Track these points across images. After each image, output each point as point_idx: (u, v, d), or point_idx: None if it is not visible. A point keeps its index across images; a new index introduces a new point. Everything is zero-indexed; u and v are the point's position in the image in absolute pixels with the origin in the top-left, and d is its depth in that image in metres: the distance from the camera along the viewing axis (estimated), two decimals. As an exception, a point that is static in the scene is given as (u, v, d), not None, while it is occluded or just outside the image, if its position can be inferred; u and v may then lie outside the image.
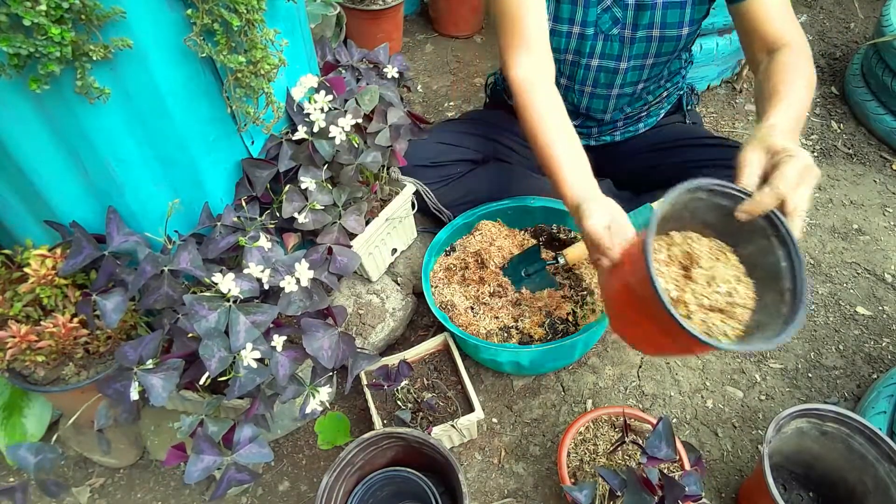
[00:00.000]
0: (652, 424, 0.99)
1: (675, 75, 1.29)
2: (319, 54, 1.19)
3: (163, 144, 0.87)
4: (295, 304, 0.90)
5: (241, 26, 0.80)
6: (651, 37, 1.11)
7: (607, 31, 1.12)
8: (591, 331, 1.10)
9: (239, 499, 1.13)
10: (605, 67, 1.17)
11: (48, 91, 0.71)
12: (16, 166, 0.80)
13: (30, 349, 0.87)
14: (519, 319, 1.18)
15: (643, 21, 1.10)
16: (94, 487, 1.15)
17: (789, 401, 1.25)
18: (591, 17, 1.12)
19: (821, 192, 1.70)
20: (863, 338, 1.36)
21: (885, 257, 1.52)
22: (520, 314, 1.18)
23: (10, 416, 1.09)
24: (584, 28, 1.13)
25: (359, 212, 1.10)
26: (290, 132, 1.04)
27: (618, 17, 1.10)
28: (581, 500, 0.84)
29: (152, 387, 0.82)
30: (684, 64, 1.31)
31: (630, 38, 1.12)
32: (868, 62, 1.84)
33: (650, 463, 0.83)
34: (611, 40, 1.13)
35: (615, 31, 1.12)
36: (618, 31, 1.12)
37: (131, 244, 0.89)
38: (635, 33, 1.11)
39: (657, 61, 1.16)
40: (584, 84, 1.21)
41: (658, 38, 1.11)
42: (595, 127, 1.30)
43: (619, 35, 1.12)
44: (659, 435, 0.85)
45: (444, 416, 1.12)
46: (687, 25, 1.10)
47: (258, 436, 0.87)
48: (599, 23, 1.11)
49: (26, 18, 0.64)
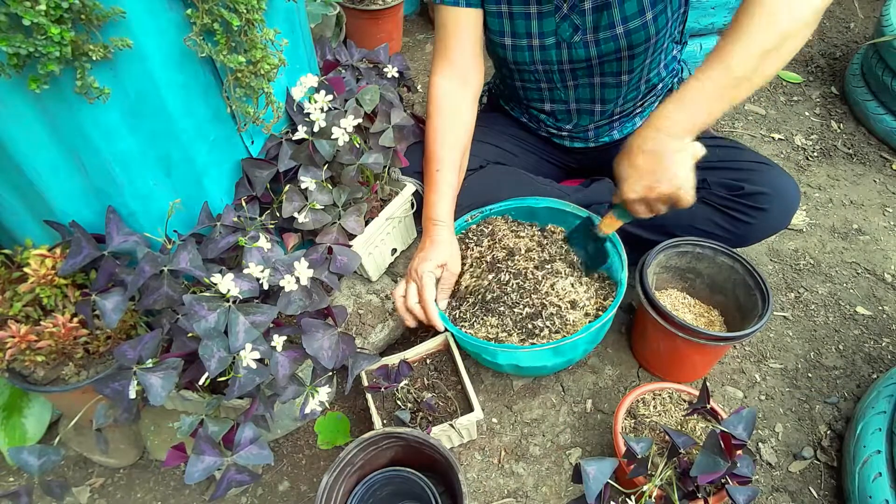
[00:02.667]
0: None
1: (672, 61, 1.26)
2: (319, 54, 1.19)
3: (162, 144, 0.87)
4: (295, 303, 0.90)
5: (241, 26, 0.80)
6: (616, 35, 1.07)
7: (569, 40, 1.10)
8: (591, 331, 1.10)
9: (239, 499, 1.13)
10: (579, 67, 1.15)
11: (48, 91, 0.71)
12: (15, 166, 0.80)
13: (29, 349, 0.87)
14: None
15: (603, 22, 1.06)
16: (93, 487, 1.14)
17: (789, 401, 1.25)
18: (548, 27, 1.09)
19: (821, 192, 1.70)
20: (863, 338, 1.36)
21: (885, 257, 1.52)
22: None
23: (9, 417, 1.09)
24: (543, 39, 1.12)
25: (359, 212, 1.10)
26: (290, 132, 1.04)
27: (577, 24, 1.07)
28: (637, 451, 0.87)
29: (151, 386, 0.82)
30: (679, 48, 1.27)
31: (595, 41, 1.09)
32: (868, 62, 1.84)
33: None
34: (574, 47, 1.11)
35: (577, 39, 1.09)
36: (580, 37, 1.09)
37: (131, 244, 0.89)
38: (598, 35, 1.08)
39: (634, 52, 1.11)
40: (565, 82, 1.19)
41: (624, 33, 1.07)
42: (591, 127, 1.29)
43: (583, 41, 1.09)
44: (741, 417, 0.87)
45: (443, 416, 1.12)
46: (650, 9, 1.05)
47: (259, 437, 0.87)
48: (560, 32, 1.09)
49: (26, 18, 0.64)
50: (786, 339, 1.35)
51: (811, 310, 1.41)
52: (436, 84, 1.15)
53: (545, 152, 1.39)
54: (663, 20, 1.08)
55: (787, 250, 1.54)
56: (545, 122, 1.32)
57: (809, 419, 1.22)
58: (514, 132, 1.37)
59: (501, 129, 1.35)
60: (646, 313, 1.13)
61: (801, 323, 1.39)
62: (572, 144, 1.33)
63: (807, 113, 1.94)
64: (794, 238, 1.57)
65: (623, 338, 1.34)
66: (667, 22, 1.10)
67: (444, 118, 1.13)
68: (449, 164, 1.12)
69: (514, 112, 1.37)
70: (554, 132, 1.32)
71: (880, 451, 1.03)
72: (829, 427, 1.21)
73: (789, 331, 1.37)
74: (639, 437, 0.96)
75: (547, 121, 1.31)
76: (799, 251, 1.54)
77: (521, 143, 1.37)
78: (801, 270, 1.50)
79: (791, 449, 1.18)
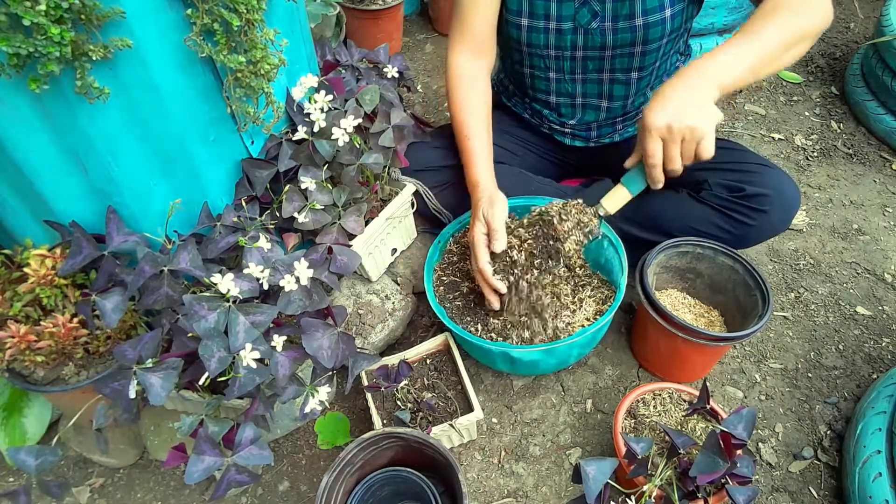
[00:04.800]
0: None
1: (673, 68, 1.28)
2: (319, 54, 1.19)
3: (162, 144, 0.87)
4: (295, 303, 0.90)
5: (241, 26, 0.80)
6: (634, 26, 1.09)
7: (586, 26, 1.10)
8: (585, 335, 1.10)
9: (239, 499, 1.13)
10: (592, 56, 1.16)
11: (48, 91, 0.71)
12: (15, 166, 0.80)
13: (29, 349, 0.87)
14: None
15: (623, 11, 1.08)
16: (93, 487, 1.14)
17: (789, 401, 1.25)
18: (567, 10, 1.10)
19: (821, 191, 1.70)
20: (863, 338, 1.36)
21: (885, 257, 1.52)
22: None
23: (9, 417, 1.09)
24: (560, 23, 1.12)
25: (359, 212, 1.10)
26: (289, 132, 1.04)
27: (596, 10, 1.08)
28: (637, 451, 0.87)
29: (151, 386, 0.82)
30: (682, 58, 1.30)
31: (612, 30, 1.10)
32: (868, 62, 1.84)
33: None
34: (591, 34, 1.11)
35: (595, 25, 1.10)
36: (597, 24, 1.10)
37: (131, 244, 0.89)
38: (616, 24, 1.09)
39: (647, 49, 1.14)
40: (574, 73, 1.20)
41: (642, 25, 1.09)
42: (594, 125, 1.29)
43: (600, 28, 1.10)
44: (741, 417, 0.87)
45: (443, 416, 1.12)
46: (669, 6, 1.08)
47: (259, 437, 0.87)
48: (578, 17, 1.10)
49: (26, 18, 0.64)
50: (786, 339, 1.35)
51: (811, 310, 1.41)
52: (454, 60, 1.21)
53: (545, 150, 1.39)
54: (679, 21, 1.12)
55: (787, 250, 1.54)
56: (548, 118, 1.32)
57: (809, 419, 1.22)
58: (515, 131, 1.37)
59: (503, 128, 1.35)
60: (646, 313, 1.13)
61: (801, 323, 1.39)
62: (573, 142, 1.33)
63: (807, 113, 1.94)
64: (794, 238, 1.57)
65: (623, 338, 1.34)
66: (681, 24, 1.14)
67: (466, 89, 1.20)
68: (478, 131, 1.18)
69: (517, 108, 1.37)
70: (556, 128, 1.32)
71: (880, 451, 1.03)
72: (829, 427, 1.21)
73: (789, 331, 1.37)
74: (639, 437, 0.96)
75: (550, 116, 1.31)
76: (799, 251, 1.54)
77: (521, 143, 1.37)
78: (801, 270, 1.50)
79: (791, 449, 1.18)
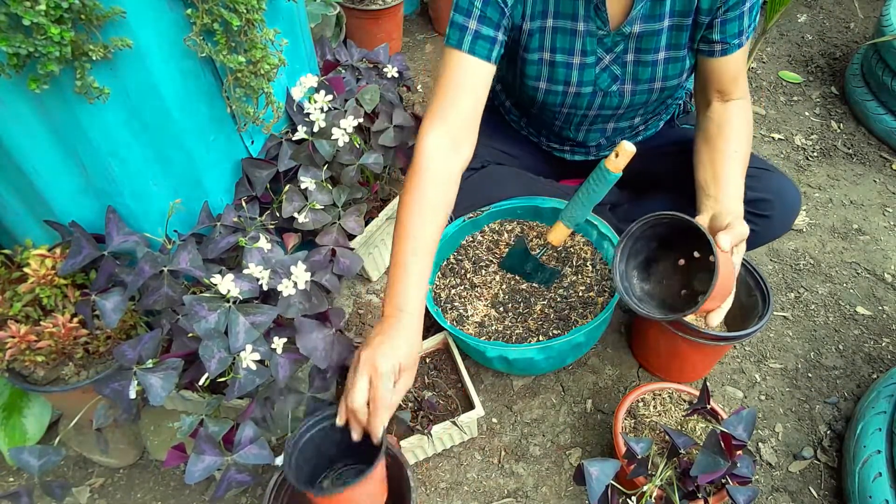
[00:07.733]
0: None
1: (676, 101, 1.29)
2: (319, 54, 1.19)
3: (162, 144, 0.87)
4: (294, 306, 0.90)
5: (241, 26, 0.81)
6: (652, 89, 1.09)
7: (606, 89, 1.09)
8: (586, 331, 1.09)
9: (238, 499, 1.13)
10: (605, 114, 1.16)
11: (47, 91, 0.71)
12: (15, 166, 0.80)
13: (29, 349, 0.87)
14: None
15: (644, 76, 1.07)
16: (93, 487, 1.14)
17: (789, 401, 1.25)
18: (588, 76, 1.08)
19: (821, 192, 1.70)
20: (863, 338, 1.36)
21: (885, 257, 1.52)
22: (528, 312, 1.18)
23: (9, 417, 1.08)
24: (580, 87, 1.10)
25: (359, 212, 1.10)
26: (289, 132, 1.04)
27: (617, 74, 1.07)
28: (637, 451, 0.87)
29: (151, 386, 0.82)
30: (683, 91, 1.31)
31: (631, 92, 1.10)
32: (868, 62, 1.84)
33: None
34: (610, 96, 1.11)
35: (615, 88, 1.09)
36: (617, 87, 1.09)
37: (131, 244, 0.89)
38: (636, 87, 1.09)
39: (658, 108, 1.18)
40: (581, 126, 1.21)
41: (660, 88, 1.10)
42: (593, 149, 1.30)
43: (619, 90, 1.10)
44: (741, 417, 0.87)
45: (444, 415, 1.12)
46: (686, 73, 1.09)
47: (259, 437, 0.87)
48: (598, 82, 1.08)
49: (26, 18, 0.64)
50: (786, 339, 1.35)
51: (811, 310, 1.41)
52: (427, 144, 0.97)
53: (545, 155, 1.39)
54: (691, 82, 1.16)
55: (787, 250, 1.54)
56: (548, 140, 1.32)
57: (809, 419, 1.22)
58: (513, 134, 1.37)
59: (500, 130, 1.35)
60: (646, 313, 1.12)
61: (801, 323, 1.39)
62: (573, 157, 1.33)
63: (807, 113, 1.94)
64: (794, 238, 1.57)
65: (623, 338, 1.34)
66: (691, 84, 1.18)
67: (431, 187, 0.96)
68: (426, 247, 0.94)
69: (515, 125, 1.37)
70: (555, 147, 1.32)
71: (880, 451, 1.03)
72: (829, 427, 1.21)
73: (789, 331, 1.37)
74: (639, 437, 0.96)
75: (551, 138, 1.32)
76: (799, 251, 1.54)
77: (519, 146, 1.36)
78: (801, 270, 1.50)
79: (791, 449, 1.18)
